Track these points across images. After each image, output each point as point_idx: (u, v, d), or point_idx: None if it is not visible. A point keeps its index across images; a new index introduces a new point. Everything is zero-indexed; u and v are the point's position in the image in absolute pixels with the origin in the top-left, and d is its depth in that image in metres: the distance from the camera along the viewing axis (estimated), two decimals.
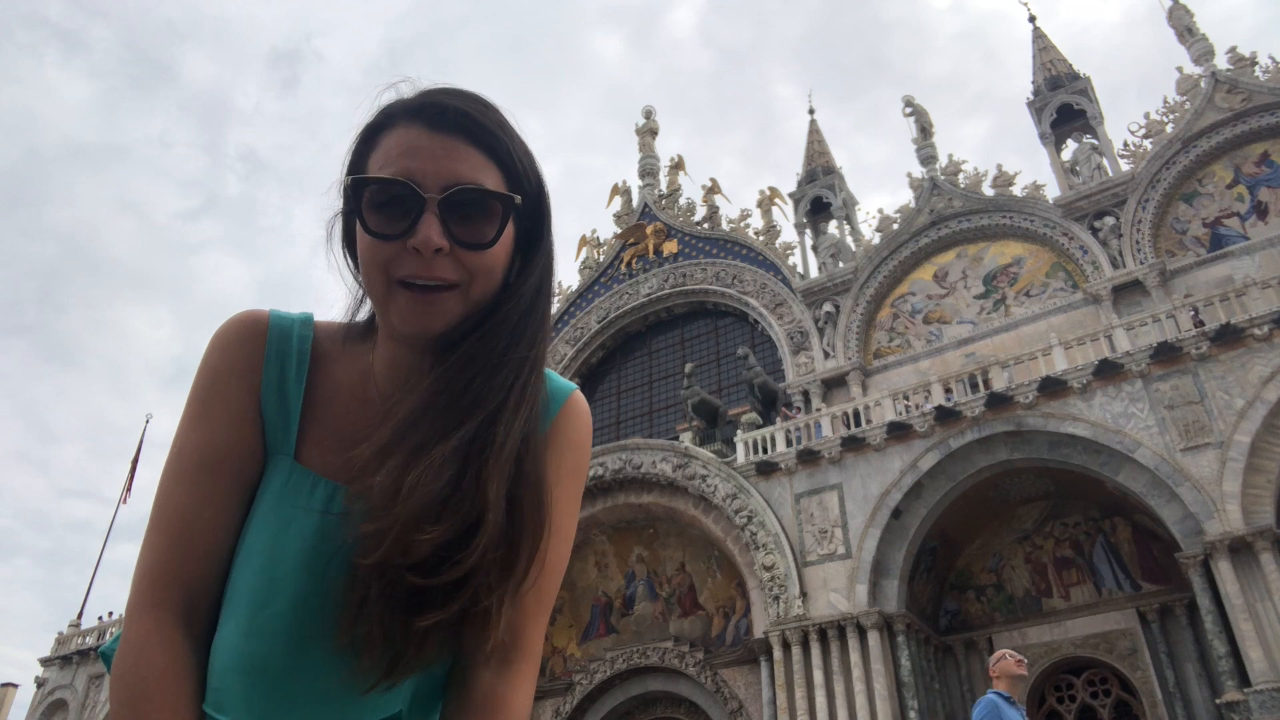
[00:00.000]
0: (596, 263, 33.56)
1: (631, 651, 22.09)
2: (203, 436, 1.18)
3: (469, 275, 1.12)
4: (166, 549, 1.14)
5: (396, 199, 1.10)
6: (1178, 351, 16.96)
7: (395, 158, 1.12)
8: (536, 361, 1.18)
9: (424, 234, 1.08)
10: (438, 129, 1.13)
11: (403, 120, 1.15)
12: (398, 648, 1.06)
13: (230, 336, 1.22)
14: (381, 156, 1.13)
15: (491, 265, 1.14)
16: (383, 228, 1.10)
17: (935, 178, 26.69)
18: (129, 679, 1.07)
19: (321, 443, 1.20)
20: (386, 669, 1.07)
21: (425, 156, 1.11)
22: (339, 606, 1.07)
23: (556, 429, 1.26)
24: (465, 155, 1.13)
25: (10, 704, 34.67)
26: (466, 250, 1.11)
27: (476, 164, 1.13)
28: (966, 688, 19.22)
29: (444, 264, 1.10)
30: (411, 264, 1.10)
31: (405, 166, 1.11)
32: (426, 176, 1.10)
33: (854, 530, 18.83)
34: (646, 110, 37.70)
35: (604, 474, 22.43)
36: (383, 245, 1.10)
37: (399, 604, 1.04)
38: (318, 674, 1.10)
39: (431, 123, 1.13)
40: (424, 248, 1.08)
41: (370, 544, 1.03)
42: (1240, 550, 15.17)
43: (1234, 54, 23.76)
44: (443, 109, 1.14)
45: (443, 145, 1.12)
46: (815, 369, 25.93)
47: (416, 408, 1.10)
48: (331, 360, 1.26)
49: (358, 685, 1.08)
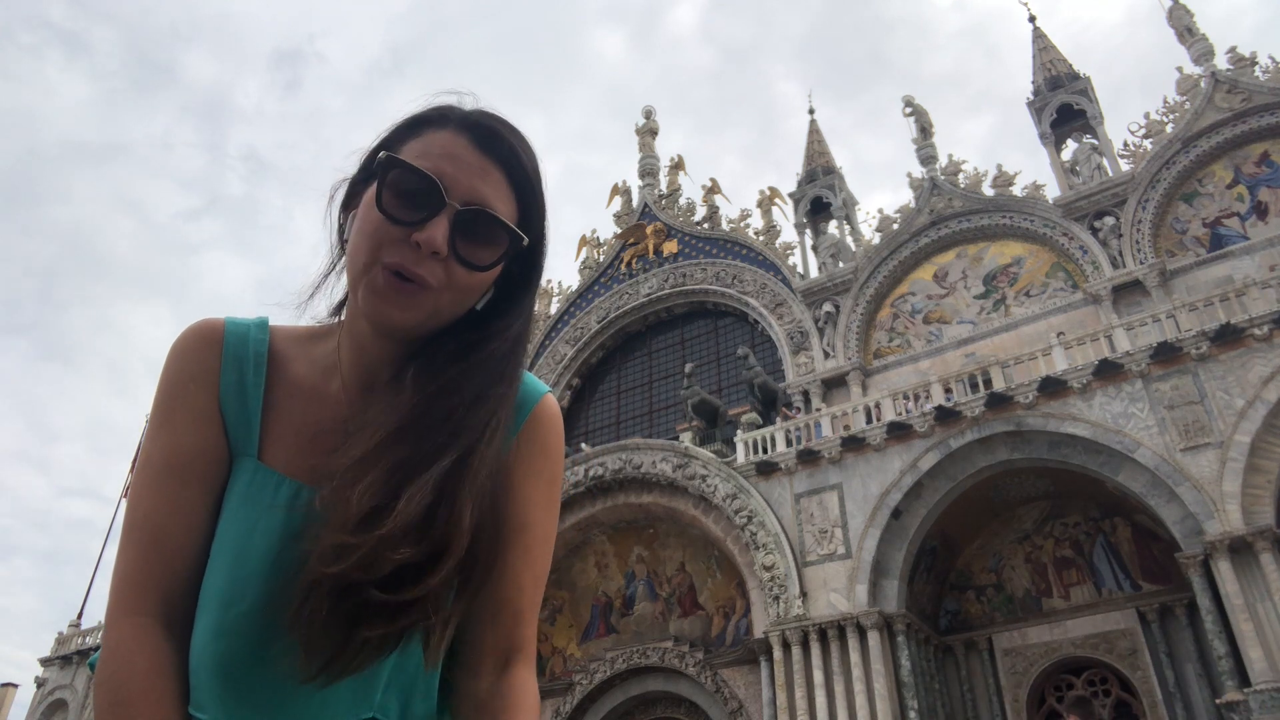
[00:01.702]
0: (596, 263, 33.56)
1: (631, 651, 22.09)
2: (167, 443, 1.20)
3: (448, 286, 1.15)
4: (141, 555, 1.16)
5: (420, 192, 1.14)
6: (1178, 351, 16.96)
7: (435, 156, 1.16)
8: (511, 397, 1.23)
9: (431, 233, 1.12)
10: (482, 149, 1.18)
11: (454, 126, 1.19)
12: (335, 651, 1.08)
13: (187, 345, 1.25)
14: (421, 148, 1.17)
15: (472, 286, 1.18)
16: (397, 211, 1.13)
17: (935, 178, 26.69)
18: (110, 684, 1.08)
19: (284, 441, 1.23)
20: (321, 668, 1.08)
21: (462, 167, 1.16)
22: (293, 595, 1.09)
23: (527, 434, 1.29)
24: (496, 183, 1.18)
25: (10, 704, 34.65)
26: (459, 265, 1.15)
27: (502, 195, 1.19)
28: (966, 688, 19.22)
29: (432, 267, 1.13)
30: (404, 254, 1.13)
31: (440, 168, 1.15)
32: (456, 184, 1.15)
33: (854, 530, 18.83)
34: (646, 110, 37.71)
35: (604, 474, 22.43)
36: (388, 227, 1.13)
37: (347, 612, 1.06)
38: (286, 673, 1.10)
39: (479, 141, 1.19)
40: (426, 245, 1.11)
41: (337, 554, 1.05)
42: (1240, 550, 15.16)
43: (1234, 54, 23.76)
44: (495, 134, 1.20)
45: (481, 165, 1.17)
46: (815, 369, 25.92)
47: (399, 427, 1.13)
48: (290, 360, 1.29)
49: (298, 678, 1.10)
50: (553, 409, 1.33)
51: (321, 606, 1.05)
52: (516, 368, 1.24)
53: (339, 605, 1.06)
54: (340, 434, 1.20)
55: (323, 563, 1.05)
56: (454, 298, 1.17)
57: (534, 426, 1.30)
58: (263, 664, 1.12)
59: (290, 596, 1.09)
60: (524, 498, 1.26)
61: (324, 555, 1.05)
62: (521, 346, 1.26)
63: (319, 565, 1.05)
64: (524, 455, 1.27)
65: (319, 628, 1.06)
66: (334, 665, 1.08)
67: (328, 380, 1.26)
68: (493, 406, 1.18)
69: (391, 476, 1.09)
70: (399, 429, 1.13)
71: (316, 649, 1.07)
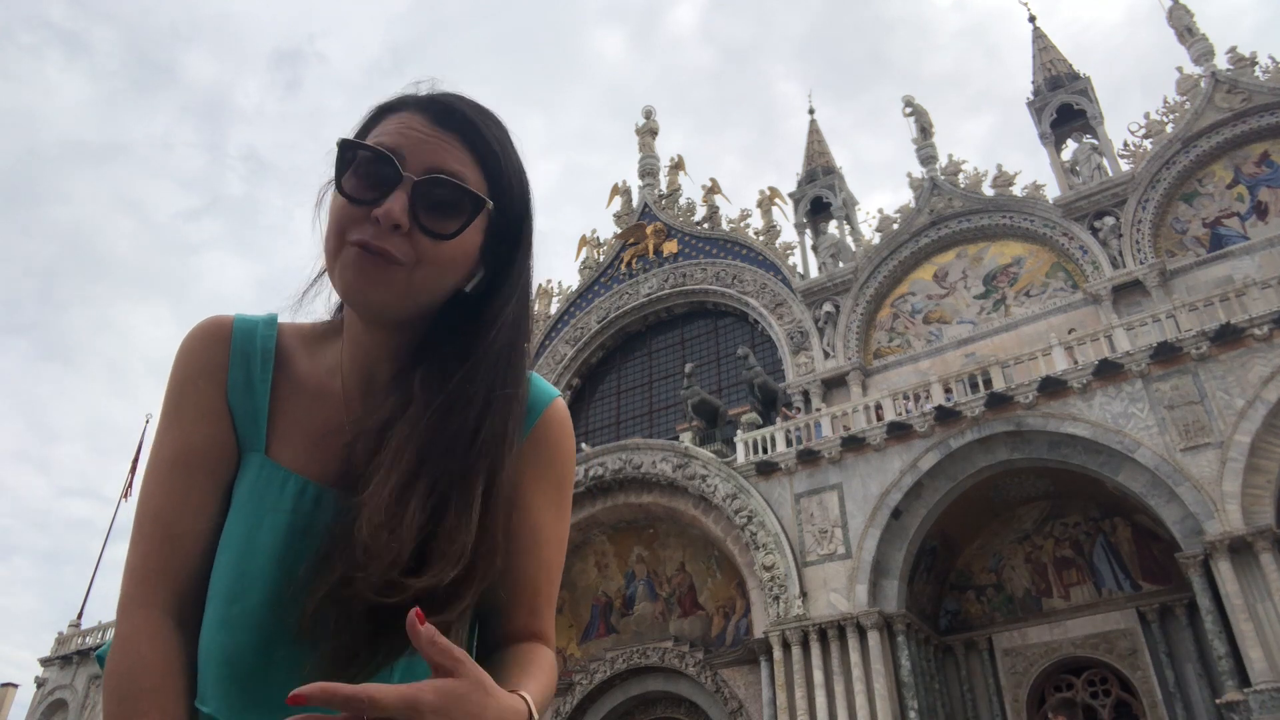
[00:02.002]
0: (596, 263, 33.56)
1: (631, 651, 22.09)
2: (177, 437, 1.21)
3: (417, 259, 1.14)
4: (152, 548, 1.16)
5: (377, 171, 1.14)
6: (1178, 351, 16.96)
7: (390, 134, 1.16)
8: (522, 400, 1.24)
9: (388, 206, 1.11)
10: (438, 124, 1.18)
11: (411, 108, 1.19)
12: (355, 654, 1.08)
13: (196, 341, 1.26)
14: (379, 131, 1.18)
15: (443, 258, 1.16)
16: (355, 192, 1.14)
17: (935, 178, 26.69)
18: (120, 675, 1.09)
19: (290, 437, 1.23)
20: (340, 669, 1.08)
21: (417, 142, 1.16)
22: (305, 600, 1.09)
23: (536, 438, 1.30)
24: (455, 152, 1.17)
25: (10, 704, 34.64)
26: (425, 236, 1.14)
27: (462, 162, 1.17)
28: (966, 688, 19.22)
29: (397, 241, 1.13)
30: (366, 230, 1.13)
31: (395, 143, 1.15)
32: (412, 158, 1.15)
33: (854, 530, 18.83)
34: (646, 110, 37.71)
35: (604, 474, 22.43)
36: (350, 208, 1.14)
37: (372, 618, 1.07)
38: (289, 668, 1.11)
39: (436, 117, 1.18)
40: (384, 218, 1.11)
41: (380, 589, 1.06)
42: (1240, 550, 15.16)
43: (1234, 54, 23.76)
44: (450, 109, 1.19)
45: (437, 137, 1.17)
46: (815, 369, 25.92)
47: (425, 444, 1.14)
48: (296, 358, 1.29)
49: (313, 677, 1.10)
50: (562, 413, 1.34)
51: (350, 616, 1.07)
52: (520, 361, 1.24)
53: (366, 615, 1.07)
54: (345, 432, 1.20)
55: (366, 589, 1.06)
56: (428, 273, 1.15)
57: (544, 430, 1.31)
58: (268, 659, 1.12)
59: (298, 594, 1.10)
60: (534, 503, 1.28)
61: (368, 584, 1.06)
62: (520, 335, 1.25)
63: (364, 591, 1.06)
64: (534, 459, 1.28)
65: (346, 636, 1.07)
66: (353, 667, 1.09)
67: (332, 377, 1.27)
68: (505, 414, 1.19)
69: (426, 504, 1.10)
70: (425, 448, 1.14)
71: (337, 651, 1.08)
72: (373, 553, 1.06)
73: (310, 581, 1.09)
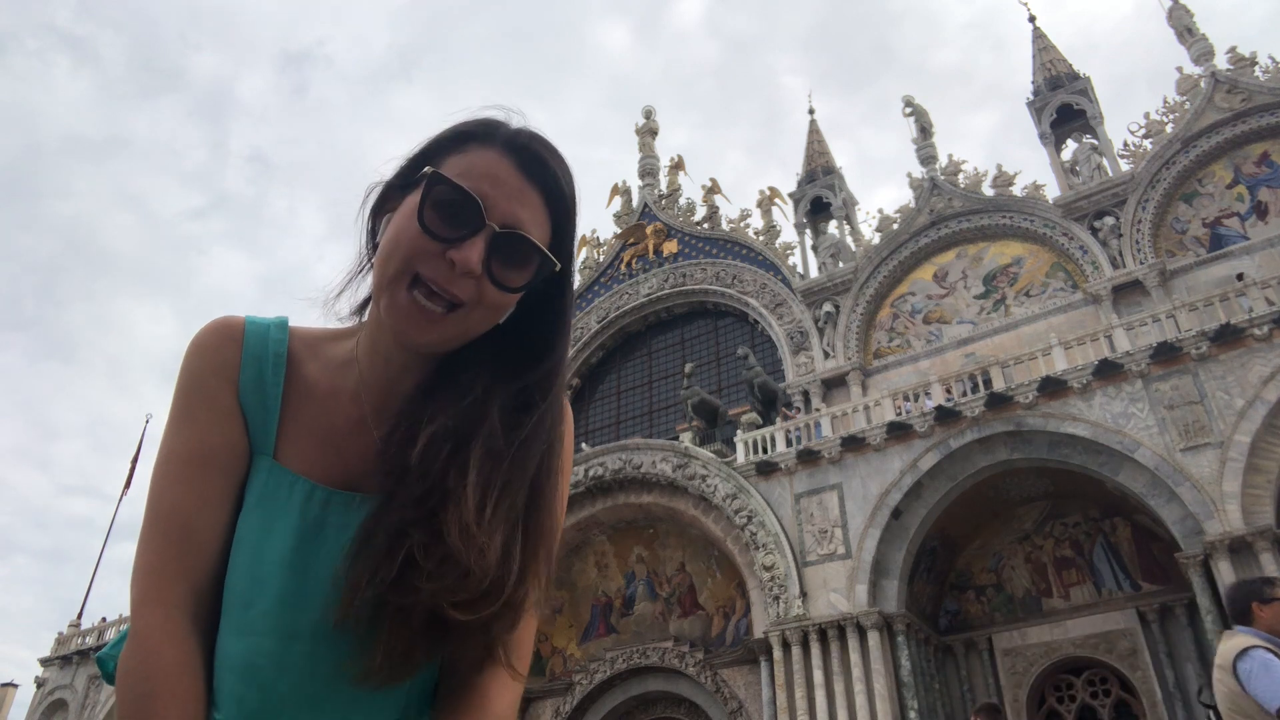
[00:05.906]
0: (596, 263, 33.57)
1: (631, 651, 22.09)
2: (190, 436, 1.21)
3: (478, 304, 1.16)
4: (168, 546, 1.16)
5: (461, 210, 1.14)
6: (1178, 351, 16.96)
7: (478, 175, 1.16)
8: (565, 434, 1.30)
9: (467, 254, 1.13)
10: (525, 173, 1.19)
11: (499, 146, 1.20)
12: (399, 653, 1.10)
13: (208, 340, 1.26)
14: (464, 164, 1.18)
15: (501, 305, 1.19)
16: (436, 227, 1.14)
17: (935, 178, 26.70)
18: (136, 675, 1.08)
19: (299, 441, 1.24)
20: (381, 674, 1.11)
21: (504, 189, 1.17)
22: (329, 606, 1.10)
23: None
24: (535, 208, 1.19)
25: (10, 704, 34.65)
26: (491, 285, 1.16)
27: (539, 220, 1.19)
28: (966, 688, 19.23)
29: (464, 285, 1.14)
30: (438, 269, 1.14)
31: (482, 188, 1.16)
32: (496, 206, 1.16)
33: (854, 530, 18.83)
34: (646, 110, 37.72)
35: (604, 474, 22.42)
36: (425, 239, 1.14)
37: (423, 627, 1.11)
38: (303, 673, 1.12)
39: (524, 164, 1.19)
40: (461, 265, 1.13)
41: (465, 608, 1.09)
42: (1240, 550, 15.16)
43: (1234, 54, 23.77)
44: (540, 161, 1.21)
45: (522, 189, 1.18)
46: (815, 369, 25.93)
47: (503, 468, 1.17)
48: (307, 361, 1.29)
49: (360, 683, 1.11)
50: (566, 412, 1.37)
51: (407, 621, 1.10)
52: (563, 395, 1.30)
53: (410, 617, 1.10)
54: (354, 435, 1.22)
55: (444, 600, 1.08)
56: (483, 315, 1.18)
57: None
58: (284, 667, 1.12)
59: (312, 600, 1.12)
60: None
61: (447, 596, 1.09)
62: (563, 380, 1.31)
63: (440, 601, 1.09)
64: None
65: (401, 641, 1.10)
66: (395, 671, 1.11)
67: (343, 380, 1.27)
68: (560, 451, 1.26)
69: (503, 527, 1.14)
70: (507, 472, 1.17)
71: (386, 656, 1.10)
72: (457, 565, 1.08)
73: (350, 581, 1.10)
